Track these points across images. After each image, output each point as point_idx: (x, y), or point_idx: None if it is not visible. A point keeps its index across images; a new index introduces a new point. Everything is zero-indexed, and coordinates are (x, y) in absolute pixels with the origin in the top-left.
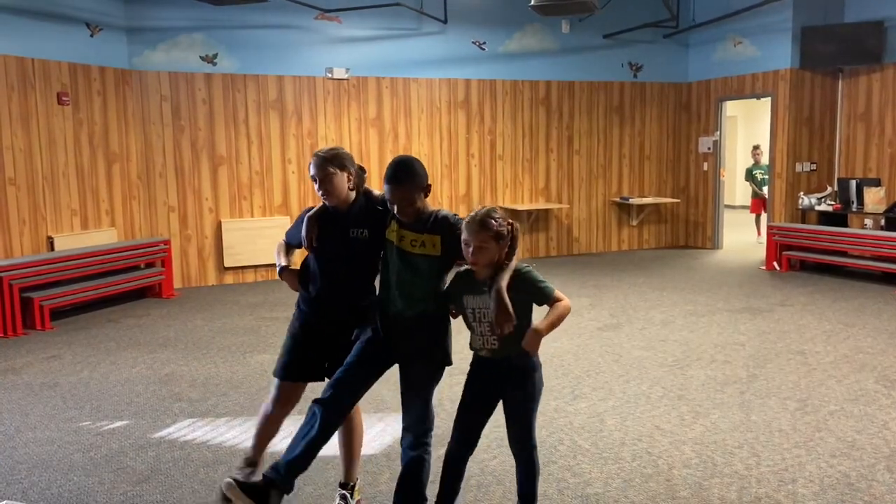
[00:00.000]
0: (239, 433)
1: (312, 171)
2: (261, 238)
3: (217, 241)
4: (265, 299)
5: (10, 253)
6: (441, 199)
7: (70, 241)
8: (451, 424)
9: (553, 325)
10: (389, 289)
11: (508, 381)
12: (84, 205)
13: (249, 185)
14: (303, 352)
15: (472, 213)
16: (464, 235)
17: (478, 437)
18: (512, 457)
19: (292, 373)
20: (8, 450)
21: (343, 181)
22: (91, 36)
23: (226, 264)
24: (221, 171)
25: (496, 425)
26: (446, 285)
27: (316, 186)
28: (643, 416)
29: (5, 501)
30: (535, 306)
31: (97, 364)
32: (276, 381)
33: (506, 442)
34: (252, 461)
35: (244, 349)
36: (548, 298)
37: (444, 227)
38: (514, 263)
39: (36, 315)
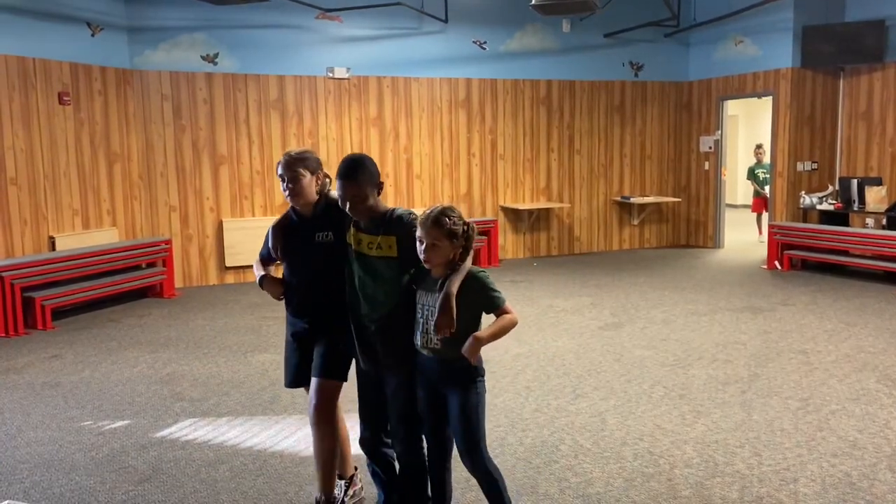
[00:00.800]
0: (240, 433)
1: (280, 171)
2: (262, 238)
3: (218, 240)
4: (266, 299)
5: (12, 252)
6: (442, 199)
7: (71, 241)
8: None
9: (495, 337)
10: (355, 294)
11: (448, 385)
12: (85, 204)
13: (251, 184)
14: (299, 357)
15: (428, 211)
16: (418, 232)
17: (445, 437)
18: (513, 454)
19: (299, 379)
20: (10, 449)
21: (311, 184)
22: (92, 35)
23: (227, 264)
24: (222, 170)
25: (496, 425)
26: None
27: (283, 186)
28: (644, 416)
29: (7, 501)
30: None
31: (98, 364)
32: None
33: (508, 440)
34: (340, 476)
35: (245, 349)
36: (496, 308)
37: (399, 227)
38: (467, 265)
39: (37, 315)
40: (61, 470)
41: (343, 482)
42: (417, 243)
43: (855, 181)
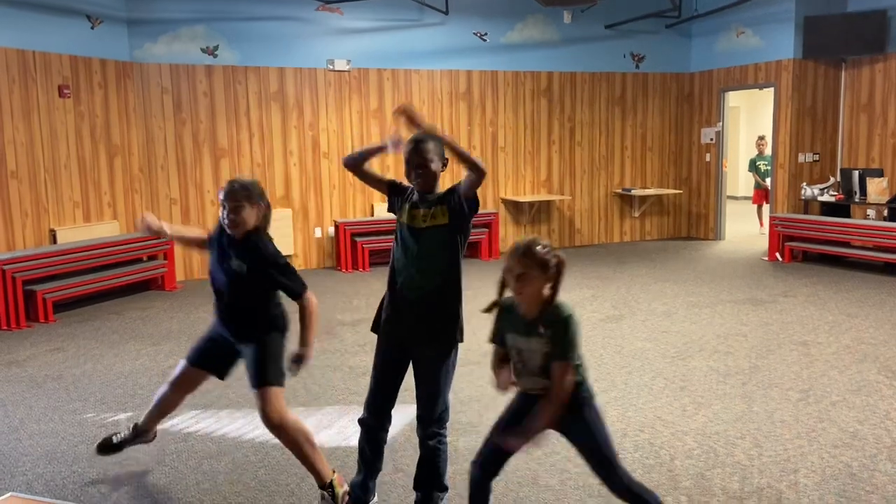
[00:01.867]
0: (242, 425)
1: (223, 198)
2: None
3: None
4: None
5: (13, 246)
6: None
7: (72, 234)
8: (453, 417)
9: (551, 416)
10: (399, 272)
11: (566, 416)
12: (86, 197)
13: (251, 177)
14: (211, 346)
15: (516, 242)
16: (506, 263)
17: (503, 464)
18: (513, 451)
19: (200, 361)
20: (12, 442)
21: (252, 215)
22: (92, 28)
23: None
24: (223, 163)
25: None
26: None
27: (222, 213)
28: (645, 407)
29: (10, 493)
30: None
31: (100, 356)
32: (180, 362)
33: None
34: (141, 430)
35: None
36: (560, 358)
37: (451, 194)
38: (560, 304)
39: (39, 308)
40: (64, 462)
41: (327, 491)
42: (506, 274)
43: (856, 172)
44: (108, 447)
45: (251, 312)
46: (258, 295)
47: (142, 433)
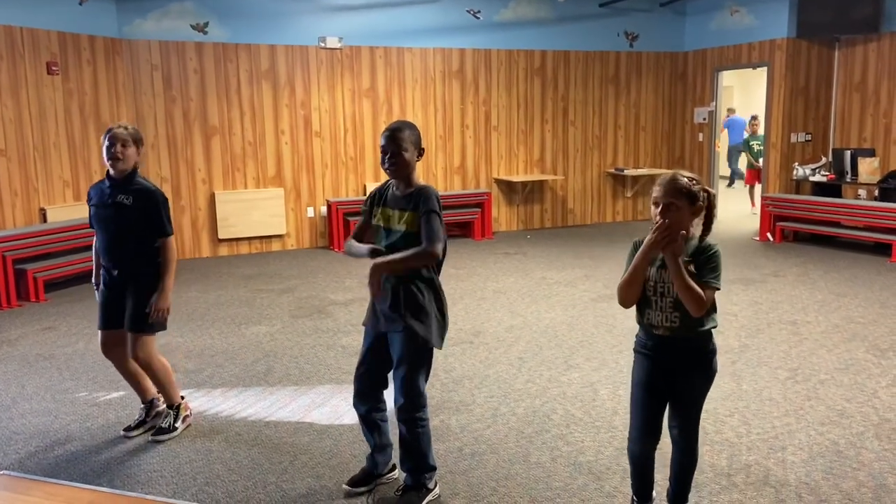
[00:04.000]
0: (235, 404)
1: (108, 142)
2: (255, 210)
3: (211, 212)
4: (260, 271)
5: (3, 225)
6: (435, 171)
7: (62, 213)
8: (445, 395)
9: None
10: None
11: (684, 363)
12: (76, 176)
13: (243, 156)
14: (110, 303)
15: (664, 174)
16: (654, 193)
17: (660, 424)
18: (505, 424)
19: (109, 323)
20: (4, 421)
21: (133, 155)
22: (80, 4)
23: (220, 236)
24: (214, 142)
25: (489, 395)
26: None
27: (108, 153)
28: None
29: (2, 472)
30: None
31: (92, 336)
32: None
33: (501, 410)
34: (145, 404)
35: (239, 321)
36: (707, 285)
37: (418, 199)
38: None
39: (30, 287)
40: (56, 441)
41: (172, 411)
42: (652, 207)
43: (848, 152)
44: (129, 428)
45: (137, 252)
46: (142, 229)
47: (147, 405)
